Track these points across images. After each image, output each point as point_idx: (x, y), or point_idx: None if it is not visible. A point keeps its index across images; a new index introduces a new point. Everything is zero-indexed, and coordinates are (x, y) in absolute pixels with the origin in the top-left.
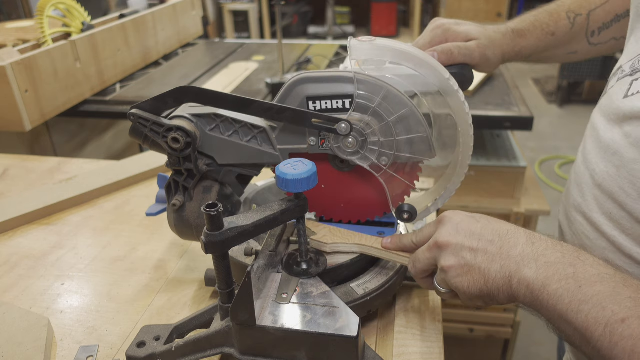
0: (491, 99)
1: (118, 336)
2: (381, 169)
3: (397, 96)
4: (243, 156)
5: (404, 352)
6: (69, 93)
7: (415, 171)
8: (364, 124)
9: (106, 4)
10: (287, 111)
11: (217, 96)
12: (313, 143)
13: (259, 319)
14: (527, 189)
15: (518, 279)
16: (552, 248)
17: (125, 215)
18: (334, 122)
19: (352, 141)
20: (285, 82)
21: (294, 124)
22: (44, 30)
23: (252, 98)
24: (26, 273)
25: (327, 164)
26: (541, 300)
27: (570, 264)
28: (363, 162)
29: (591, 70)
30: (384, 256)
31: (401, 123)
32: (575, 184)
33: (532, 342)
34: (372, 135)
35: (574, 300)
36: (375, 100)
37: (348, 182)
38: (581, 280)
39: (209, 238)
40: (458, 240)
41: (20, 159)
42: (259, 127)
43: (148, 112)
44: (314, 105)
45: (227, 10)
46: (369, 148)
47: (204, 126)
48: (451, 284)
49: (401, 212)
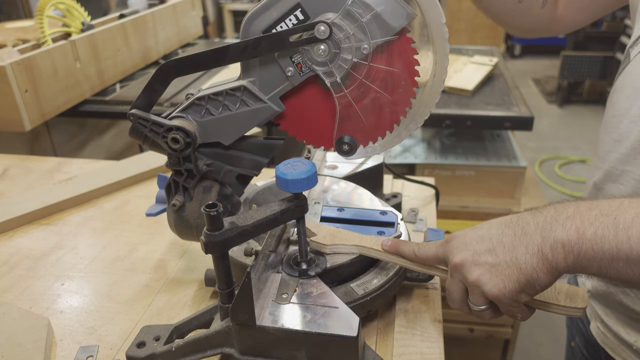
0: (491, 99)
1: (118, 336)
2: (341, 91)
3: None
4: (242, 124)
5: (404, 352)
6: (69, 93)
7: (392, 114)
8: (343, 36)
9: (106, 4)
10: (262, 40)
11: (195, 58)
12: (291, 73)
13: (259, 319)
14: (527, 189)
15: (549, 245)
16: (561, 206)
17: (125, 215)
18: (312, 29)
19: (324, 48)
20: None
21: (274, 50)
22: (44, 30)
23: (227, 45)
24: (26, 273)
25: (317, 85)
26: (585, 251)
27: (589, 208)
28: (327, 77)
29: (591, 70)
30: (384, 258)
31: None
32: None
33: (532, 342)
34: (347, 51)
35: (619, 231)
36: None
37: (329, 102)
38: (611, 213)
39: (209, 238)
40: (471, 251)
41: (20, 159)
42: (239, 87)
43: (144, 107)
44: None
45: (227, 10)
46: (338, 64)
47: (196, 117)
48: (488, 294)
49: (341, 143)
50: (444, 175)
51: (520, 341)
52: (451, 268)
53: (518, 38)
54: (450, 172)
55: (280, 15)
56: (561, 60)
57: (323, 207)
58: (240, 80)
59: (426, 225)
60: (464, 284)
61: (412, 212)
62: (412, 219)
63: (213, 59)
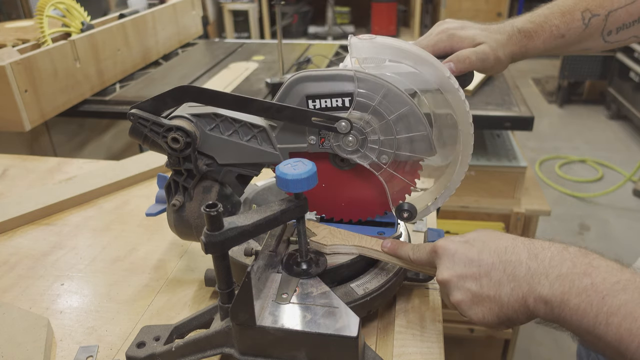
0: (491, 99)
1: (118, 336)
2: (381, 168)
3: (398, 94)
4: (243, 156)
5: (404, 352)
6: (69, 93)
7: (416, 170)
8: (364, 122)
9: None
10: (286, 110)
11: (217, 95)
12: (313, 142)
13: (259, 319)
14: (527, 189)
15: (533, 298)
16: (558, 257)
17: (125, 215)
18: (334, 121)
19: (352, 139)
20: (285, 81)
21: (294, 122)
22: (44, 30)
23: (252, 97)
24: (26, 273)
25: (327, 162)
26: (564, 316)
27: (585, 274)
28: (363, 161)
29: (591, 70)
30: (383, 258)
31: (401, 121)
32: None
33: (532, 342)
34: (372, 133)
35: (600, 313)
36: (376, 99)
37: (348, 181)
38: (602, 291)
39: (209, 238)
40: (457, 272)
41: (20, 159)
42: (259, 126)
43: (148, 112)
44: (313, 103)
45: (227, 10)
46: (369, 147)
47: (203, 126)
48: (468, 318)
49: (401, 211)
50: None
51: (520, 341)
52: (437, 281)
53: None
54: None
55: (331, 92)
56: (561, 60)
57: None
58: (263, 120)
59: (426, 225)
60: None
61: None
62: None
63: (234, 103)
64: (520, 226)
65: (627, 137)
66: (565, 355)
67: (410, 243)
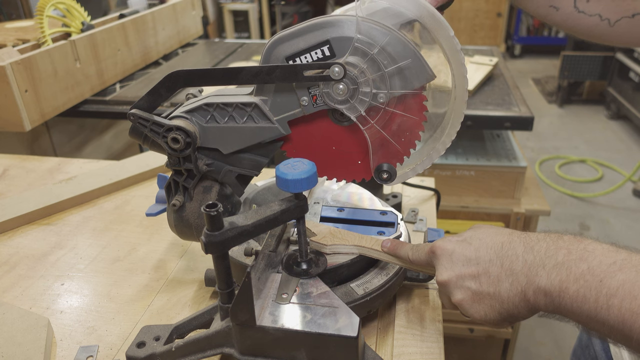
0: (491, 99)
1: (118, 336)
2: (368, 122)
3: (375, 28)
4: (245, 138)
5: (404, 352)
6: (69, 93)
7: (413, 135)
8: (358, 72)
9: (106, 4)
10: (276, 69)
11: (207, 73)
12: (305, 102)
13: (259, 319)
14: (527, 189)
15: (532, 290)
16: (554, 246)
17: (125, 215)
18: (327, 68)
19: (343, 88)
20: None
21: (286, 81)
22: (44, 30)
23: (240, 67)
24: (26, 273)
25: (327, 119)
26: (564, 305)
27: (580, 259)
28: (351, 113)
29: (591, 70)
30: (383, 258)
31: (385, 51)
32: None
33: (532, 342)
34: (364, 85)
35: (600, 296)
36: (355, 37)
37: (345, 137)
38: (599, 274)
39: (209, 238)
40: (456, 272)
41: (20, 159)
42: (250, 103)
43: (146, 110)
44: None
45: (227, 10)
46: (359, 98)
47: (200, 120)
48: (470, 317)
49: (380, 171)
50: (444, 175)
51: (520, 341)
52: (437, 282)
53: (518, 38)
54: (450, 172)
55: (307, 46)
56: (561, 60)
57: (323, 207)
58: (253, 96)
59: (426, 225)
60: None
61: (412, 212)
62: (412, 219)
63: (224, 77)
64: (520, 226)
65: (627, 137)
66: (565, 355)
67: (409, 243)
